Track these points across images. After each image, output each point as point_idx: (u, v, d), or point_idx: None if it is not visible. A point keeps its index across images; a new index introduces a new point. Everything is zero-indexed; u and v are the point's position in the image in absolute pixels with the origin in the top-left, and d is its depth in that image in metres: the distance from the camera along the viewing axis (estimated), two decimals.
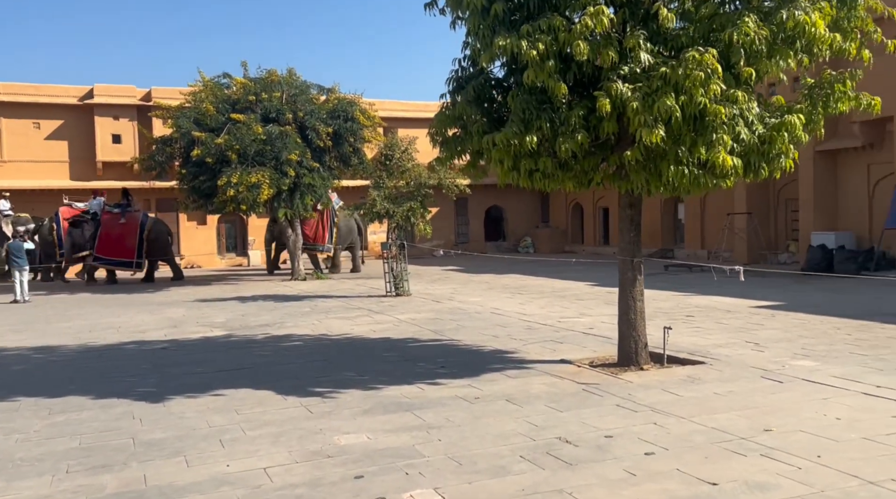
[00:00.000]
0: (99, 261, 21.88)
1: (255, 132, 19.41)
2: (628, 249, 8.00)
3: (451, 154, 8.10)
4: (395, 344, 9.95)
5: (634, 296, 8.01)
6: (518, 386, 7.15)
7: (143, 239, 21.86)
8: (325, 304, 15.20)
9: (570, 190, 7.95)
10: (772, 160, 7.25)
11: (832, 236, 19.57)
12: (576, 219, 33.82)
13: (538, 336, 10.18)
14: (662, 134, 6.54)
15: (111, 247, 21.70)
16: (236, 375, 8.20)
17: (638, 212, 8.04)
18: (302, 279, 21.78)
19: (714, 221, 25.07)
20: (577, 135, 6.84)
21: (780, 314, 11.54)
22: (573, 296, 15.39)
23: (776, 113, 7.43)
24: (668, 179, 6.93)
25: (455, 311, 13.41)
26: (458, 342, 9.92)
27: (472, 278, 20.74)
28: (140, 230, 21.92)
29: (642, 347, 7.99)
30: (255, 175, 19.08)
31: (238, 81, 20.99)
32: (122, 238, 21.75)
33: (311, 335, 10.96)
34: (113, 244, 21.69)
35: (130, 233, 21.83)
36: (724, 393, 6.60)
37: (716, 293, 14.88)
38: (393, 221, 15.89)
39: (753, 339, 9.39)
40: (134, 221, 22.09)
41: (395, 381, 7.56)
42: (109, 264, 22.05)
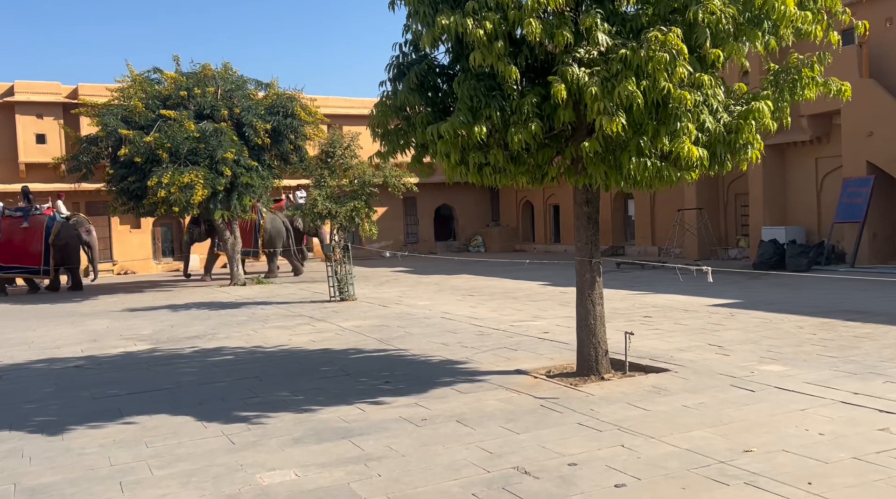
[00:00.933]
0: (1, 270, 20.16)
1: (187, 129, 18.26)
2: (586, 249, 7.39)
3: (394, 148, 7.35)
4: (335, 356, 9.15)
5: (594, 300, 7.40)
6: (470, 403, 6.45)
7: (48, 244, 20.23)
8: (264, 311, 14.26)
9: (522, 186, 7.29)
10: (738, 151, 6.72)
11: (782, 231, 19.52)
12: (526, 217, 33.42)
13: (491, 343, 9.52)
14: (623, 122, 5.93)
15: (13, 253, 20.00)
16: (154, 397, 7.28)
17: (596, 209, 7.43)
18: (241, 284, 20.68)
19: (664, 218, 24.93)
20: (531, 124, 6.18)
21: (739, 313, 11.15)
22: (526, 297, 14.80)
23: (741, 100, 6.91)
24: (629, 172, 6.32)
25: (403, 316, 12.66)
26: (404, 352, 9.18)
27: (422, 280, 20.01)
28: (46, 235, 20.28)
29: (603, 354, 7.39)
30: (188, 175, 17.91)
31: (169, 76, 19.78)
32: (25, 243, 20.06)
33: (244, 348, 10.06)
34: (16, 251, 20.01)
35: (35, 238, 20.17)
36: (693, 406, 6.03)
37: (671, 291, 14.50)
38: (336, 222, 15.03)
39: (716, 341, 8.91)
40: (38, 224, 20.44)
41: (332, 401, 6.77)
42: (13, 272, 20.41)
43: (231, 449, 5.44)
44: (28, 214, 20.33)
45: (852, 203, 17.79)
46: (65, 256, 20.71)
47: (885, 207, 17.84)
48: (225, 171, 18.72)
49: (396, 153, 7.45)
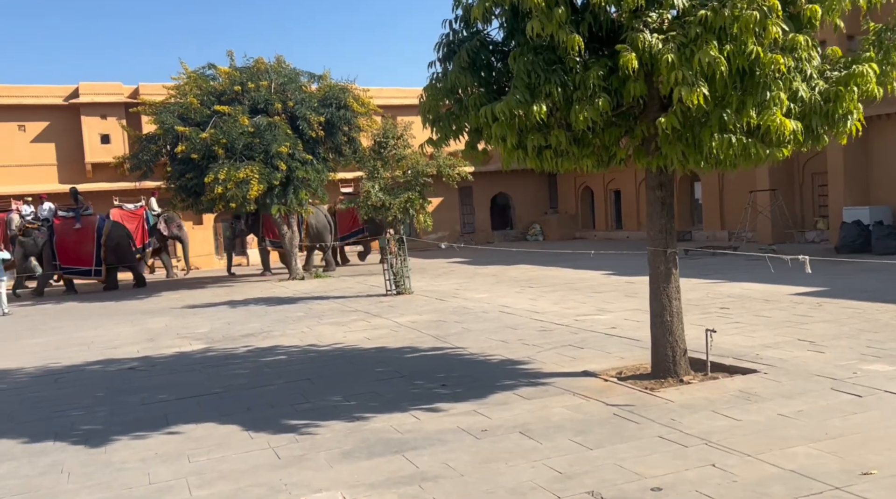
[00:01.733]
0: (60, 270, 20.48)
1: (241, 124, 18.13)
2: (660, 239, 6.69)
3: (446, 134, 6.77)
4: (390, 355, 8.69)
5: (670, 294, 6.70)
6: (534, 411, 5.88)
7: (100, 244, 20.46)
8: (320, 306, 13.96)
9: (586, 170, 6.63)
10: (836, 122, 5.90)
11: (866, 211, 18.12)
12: (586, 203, 32.42)
13: (554, 340, 8.89)
14: (705, 92, 5.21)
15: (69, 254, 20.23)
16: (203, 403, 6.96)
17: (670, 193, 6.71)
18: (300, 279, 20.55)
19: (734, 200, 23.65)
20: (597, 100, 5.53)
21: (827, 303, 10.19)
22: (588, 288, 14.07)
23: (837, 65, 6.08)
24: (710, 150, 5.60)
25: (460, 310, 12.13)
26: (462, 351, 8.65)
27: (479, 271, 19.45)
28: (98, 235, 20.51)
29: (681, 354, 6.68)
30: (244, 170, 17.79)
31: (223, 71, 19.69)
32: (78, 244, 20.22)
33: (298, 346, 9.71)
34: (70, 252, 20.24)
35: (87, 238, 20.42)
36: (792, 415, 5.30)
37: (746, 279, 13.53)
38: (390, 214, 14.59)
39: (806, 335, 8.07)
40: (90, 225, 20.70)
41: (386, 407, 6.30)
42: (69, 273, 20.71)
43: (276, 465, 5.01)
44: (79, 214, 20.62)
45: None
46: (119, 256, 20.96)
47: None
48: (280, 165, 18.53)
49: (449, 140, 6.87)
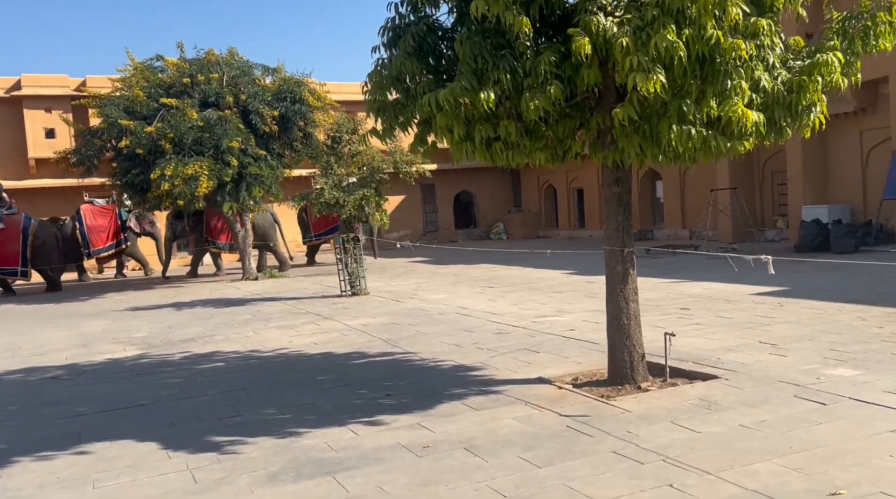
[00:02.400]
0: None
1: (190, 118, 17.40)
2: (616, 237, 6.32)
3: (391, 124, 6.31)
4: (336, 361, 8.19)
5: (627, 296, 6.33)
6: (483, 423, 5.45)
7: (26, 244, 19.48)
8: (270, 308, 13.37)
9: (540, 164, 6.23)
10: (800, 115, 5.59)
11: (825, 210, 18.15)
12: (549, 202, 32.23)
13: (510, 343, 8.49)
14: (663, 80, 4.84)
15: None
16: (124, 417, 6.39)
17: (627, 189, 6.33)
18: (253, 279, 19.88)
19: (695, 199, 23.62)
20: (549, 88, 5.11)
21: (788, 303, 9.98)
22: (549, 288, 13.74)
23: (800, 55, 5.77)
24: (668, 143, 5.23)
25: (415, 312, 11.67)
26: (413, 356, 8.19)
27: (439, 271, 19.02)
28: (24, 235, 19.50)
29: (639, 359, 6.32)
30: (192, 166, 17.07)
31: (171, 63, 18.91)
32: (2, 245, 19.22)
33: (239, 353, 9.15)
34: None
35: (11, 238, 19.34)
36: (754, 426, 4.96)
37: (707, 278, 13.33)
38: (344, 212, 14.07)
39: (768, 338, 7.79)
40: (15, 224, 19.61)
41: (323, 420, 5.81)
42: None
43: (191, 490, 4.49)
44: (1, 214, 19.55)
45: None
46: (42, 257, 19.95)
47: None
48: (231, 161, 17.86)
49: (394, 131, 6.41)
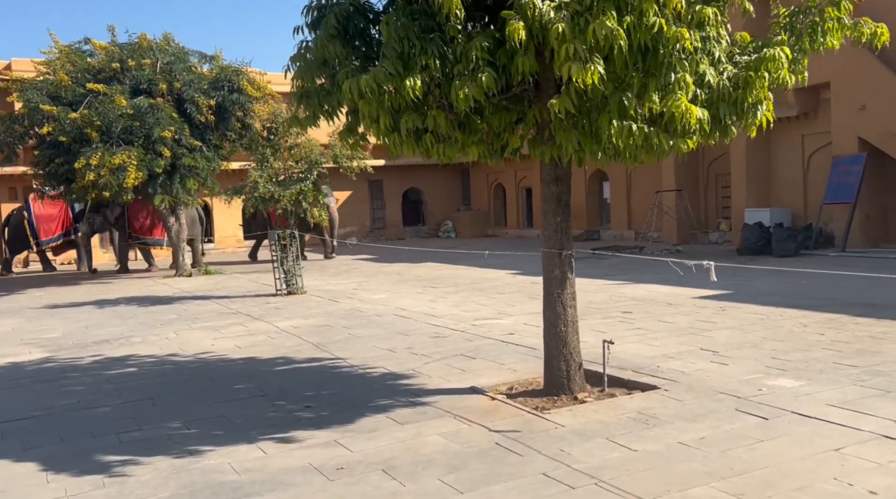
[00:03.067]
0: None
1: (119, 106, 16.46)
2: (555, 239, 5.94)
3: (315, 112, 5.80)
4: (258, 368, 7.63)
5: (564, 301, 5.96)
6: (406, 440, 5.00)
7: None
8: (198, 307, 12.66)
9: (475, 159, 5.80)
10: (746, 112, 5.31)
11: (767, 213, 18.29)
12: (498, 200, 32.00)
13: (446, 348, 8.07)
14: (601, 71, 4.46)
15: None
16: (9, 431, 5.73)
17: (566, 188, 5.96)
18: (187, 275, 19.02)
19: (641, 200, 23.65)
20: (481, 76, 4.69)
21: (731, 307, 9.82)
22: (493, 288, 13.38)
23: (746, 50, 5.50)
24: (609, 139, 4.87)
25: (351, 313, 11.16)
26: (341, 362, 7.69)
27: (383, 269, 18.51)
28: None
29: (576, 368, 5.97)
30: (120, 156, 16.17)
31: (100, 47, 17.89)
32: None
33: (155, 356, 8.50)
34: None
35: None
36: (693, 443, 4.64)
37: (651, 280, 13.18)
38: (280, 207, 13.44)
39: (710, 344, 7.55)
40: None
41: (231, 436, 5.28)
42: None
43: None
44: None
45: (843, 183, 16.60)
46: None
47: (877, 187, 16.69)
48: (163, 151, 16.99)
49: (318, 120, 5.90)
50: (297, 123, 6.13)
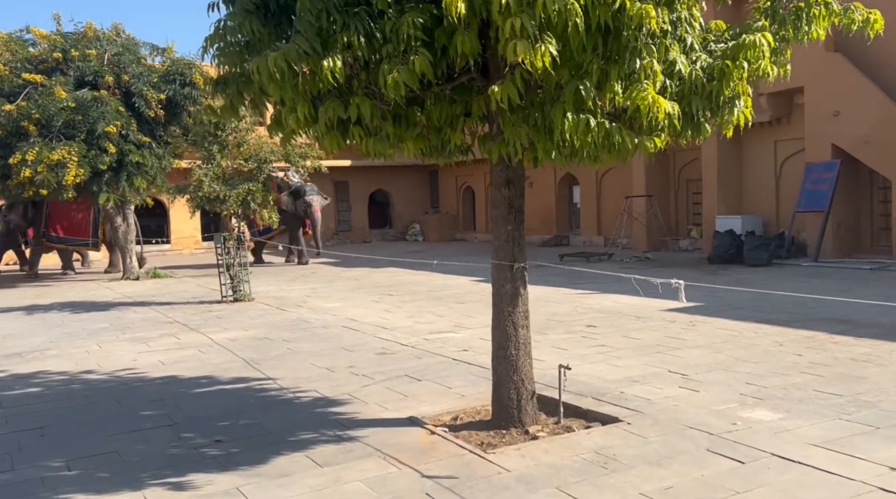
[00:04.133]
0: None
1: (59, 98, 15.42)
2: (505, 249, 5.20)
3: (233, 100, 5.00)
4: (176, 390, 6.78)
5: (516, 320, 5.23)
6: (322, 488, 4.22)
7: None
8: (134, 315, 11.73)
9: (411, 156, 5.05)
10: (722, 108, 4.63)
11: (738, 221, 17.81)
12: (467, 204, 31.30)
13: (391, 367, 7.30)
14: (553, 52, 3.74)
15: None
16: None
17: (519, 193, 5.22)
18: (134, 279, 17.99)
19: (611, 205, 23.10)
20: (413, 58, 3.94)
21: (701, 322, 9.19)
22: (452, 297, 12.64)
23: (722, 38, 4.82)
24: (563, 135, 4.14)
25: (297, 324, 10.33)
26: (271, 384, 6.88)
27: (342, 274, 17.66)
28: None
29: (528, 397, 5.24)
30: (59, 151, 15.14)
31: (41, 35, 16.79)
32: None
33: (67, 374, 7.60)
34: None
35: None
36: (657, 495, 3.93)
37: (618, 290, 12.52)
38: (226, 208, 12.55)
39: (679, 366, 6.88)
40: None
41: (115, 481, 4.45)
42: None
43: None
44: None
45: (816, 190, 16.16)
46: None
47: (851, 195, 16.28)
48: (108, 147, 15.98)
49: (237, 107, 5.10)
50: (213, 114, 5.34)
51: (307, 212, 20.25)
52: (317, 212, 20.28)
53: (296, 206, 20.17)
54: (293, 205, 20.14)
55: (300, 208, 20.22)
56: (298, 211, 20.29)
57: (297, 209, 20.21)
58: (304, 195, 20.13)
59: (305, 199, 20.15)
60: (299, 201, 20.15)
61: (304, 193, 20.11)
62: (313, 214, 20.24)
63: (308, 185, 20.24)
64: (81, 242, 19.92)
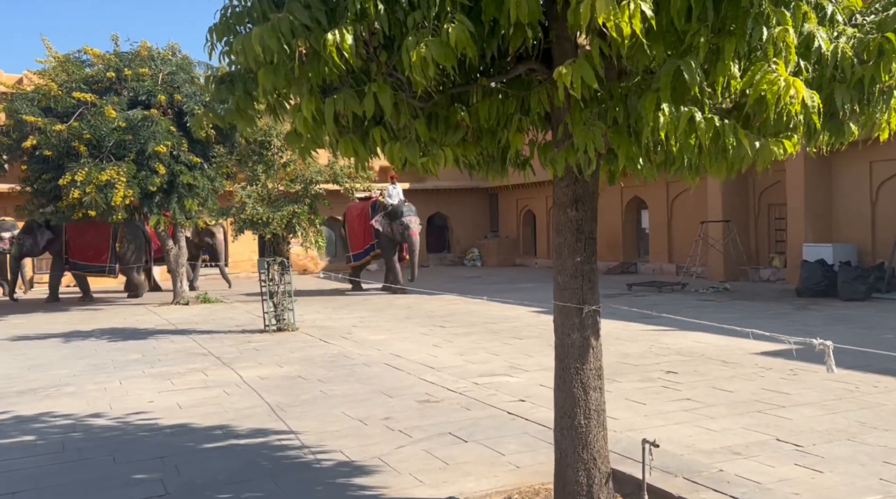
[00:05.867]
0: None
1: (108, 117, 15.11)
2: (573, 288, 4.02)
3: (241, 101, 4.05)
4: (182, 444, 5.84)
5: (585, 380, 4.05)
6: None
7: None
8: (170, 345, 10.99)
9: (451, 166, 3.97)
10: (874, 102, 3.40)
11: (829, 249, 16.05)
12: (528, 228, 30.08)
13: (433, 421, 6.19)
14: (648, 12, 2.63)
15: None
16: None
17: (590, 214, 4.03)
18: (184, 304, 17.49)
19: (683, 231, 21.51)
20: (447, 27, 2.89)
21: (803, 369, 7.75)
22: (510, 330, 11.47)
23: (873, 7, 3.60)
24: (655, 135, 2.99)
25: (337, 360, 9.35)
26: (292, 440, 5.86)
27: (394, 302, 16.70)
28: None
29: (602, 481, 4.03)
30: (109, 172, 14.79)
31: (95, 54, 16.63)
32: None
33: (73, 417, 6.78)
34: None
35: None
36: None
37: (697, 326, 11.10)
38: (268, 231, 11.77)
39: (789, 432, 5.54)
40: None
41: None
42: None
43: None
44: None
45: None
46: None
47: None
48: (158, 168, 15.59)
49: (247, 112, 4.14)
50: (218, 120, 4.40)
51: (404, 235, 18.10)
52: (415, 235, 18.11)
53: (392, 228, 18.19)
54: (389, 227, 18.22)
55: (396, 231, 18.16)
56: (395, 234, 18.23)
57: (393, 232, 18.21)
58: (401, 217, 18.08)
59: (403, 220, 18.04)
60: (396, 223, 18.12)
61: (401, 214, 18.11)
62: (411, 236, 18.05)
63: (406, 205, 18.34)
64: (98, 269, 19.37)
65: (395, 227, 18.11)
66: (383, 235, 18.31)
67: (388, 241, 18.38)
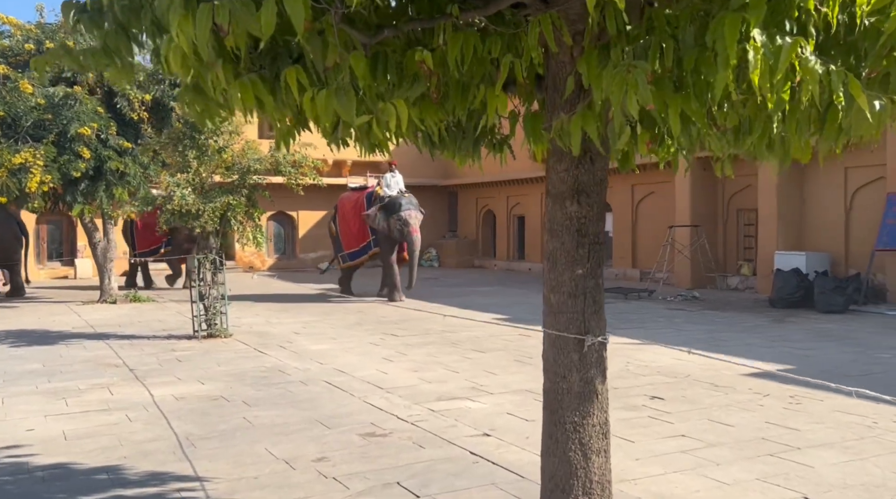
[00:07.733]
0: None
1: (25, 93, 13.48)
2: (570, 310, 2.88)
3: (108, 35, 2.87)
4: (50, 494, 4.52)
5: (586, 440, 2.91)
6: None
7: None
8: (82, 352, 9.54)
9: (406, 135, 2.78)
10: None
11: (803, 258, 15.36)
12: (487, 228, 29.05)
13: (378, 465, 4.99)
14: None
15: None
16: None
17: (596, 212, 2.92)
18: (111, 302, 15.91)
19: (648, 235, 20.74)
20: None
21: (804, 396, 6.79)
22: (469, 341, 10.33)
23: None
24: (735, 82, 1.88)
25: (270, 376, 8.07)
26: (195, 490, 4.57)
27: (344, 305, 15.43)
28: None
29: None
30: (23, 154, 13.18)
31: (13, 23, 14.92)
32: None
33: None
34: None
35: None
36: None
37: (674, 339, 10.19)
38: (198, 225, 10.38)
39: (814, 487, 4.51)
40: None
41: None
42: None
43: None
44: None
45: None
46: None
47: None
48: (82, 152, 14.01)
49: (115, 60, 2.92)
50: (77, 62, 3.17)
51: (403, 232, 15.38)
52: (415, 232, 15.40)
53: (389, 223, 15.43)
54: (385, 222, 15.45)
55: (394, 227, 15.42)
56: (392, 230, 15.48)
57: (390, 228, 15.46)
58: (399, 210, 15.33)
59: (401, 215, 15.31)
60: (393, 218, 15.34)
61: (399, 207, 15.35)
62: (410, 234, 15.37)
63: (405, 196, 15.62)
64: None
65: (393, 222, 15.37)
66: (379, 231, 15.69)
67: (384, 239, 15.74)
